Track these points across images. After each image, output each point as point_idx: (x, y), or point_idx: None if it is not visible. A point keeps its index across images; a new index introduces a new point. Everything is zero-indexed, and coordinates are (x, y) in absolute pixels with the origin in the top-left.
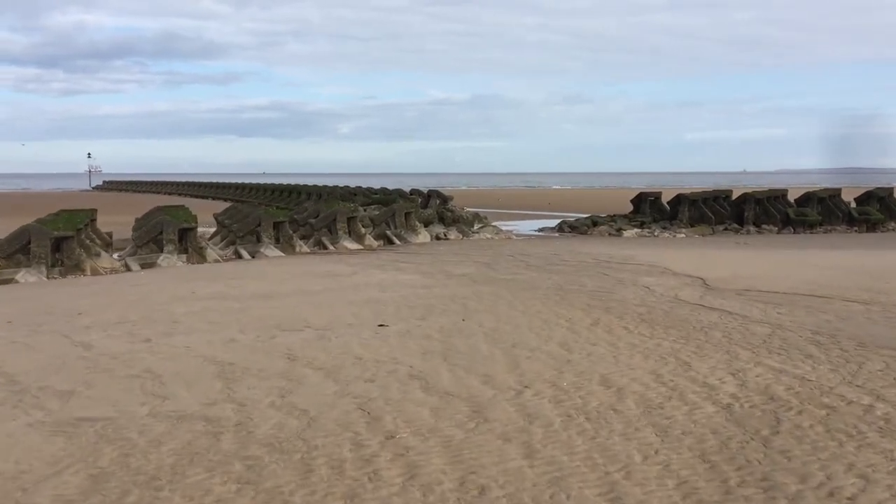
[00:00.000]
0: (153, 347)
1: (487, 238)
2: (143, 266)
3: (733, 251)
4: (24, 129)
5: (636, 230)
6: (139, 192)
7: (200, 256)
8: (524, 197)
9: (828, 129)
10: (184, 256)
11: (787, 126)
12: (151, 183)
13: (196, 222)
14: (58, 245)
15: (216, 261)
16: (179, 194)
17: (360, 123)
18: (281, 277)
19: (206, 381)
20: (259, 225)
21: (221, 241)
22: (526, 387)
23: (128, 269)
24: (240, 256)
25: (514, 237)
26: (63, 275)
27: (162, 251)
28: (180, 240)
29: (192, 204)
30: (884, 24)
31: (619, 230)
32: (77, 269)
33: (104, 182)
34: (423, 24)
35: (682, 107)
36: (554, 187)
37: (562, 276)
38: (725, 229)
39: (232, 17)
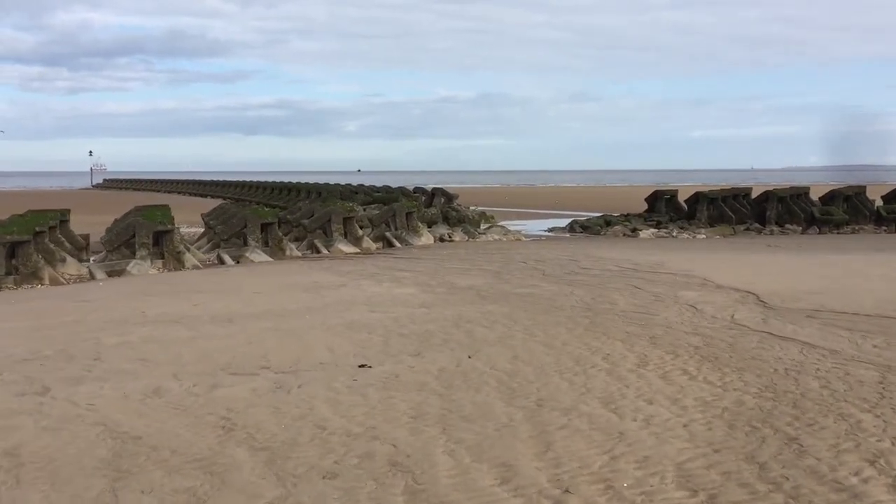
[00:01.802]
0: (43, 406)
1: (495, 240)
2: (111, 274)
3: (769, 256)
4: (30, 127)
5: (653, 230)
6: (139, 190)
7: (178, 262)
8: (531, 195)
9: (834, 127)
10: (160, 262)
11: (795, 124)
12: (152, 181)
13: (173, 223)
14: (12, 251)
15: (195, 267)
16: (180, 192)
17: (366, 121)
18: (256, 291)
19: (81, 479)
20: (245, 227)
21: (208, 243)
22: (567, 491)
23: (92, 277)
24: (222, 262)
25: (524, 238)
26: (18, 284)
27: (134, 256)
28: (156, 243)
29: (192, 203)
30: (892, 21)
31: (635, 230)
32: (34, 277)
33: (104, 180)
34: (429, 22)
35: (689, 105)
36: (561, 185)
37: (586, 289)
38: (747, 229)
39: (237, 15)
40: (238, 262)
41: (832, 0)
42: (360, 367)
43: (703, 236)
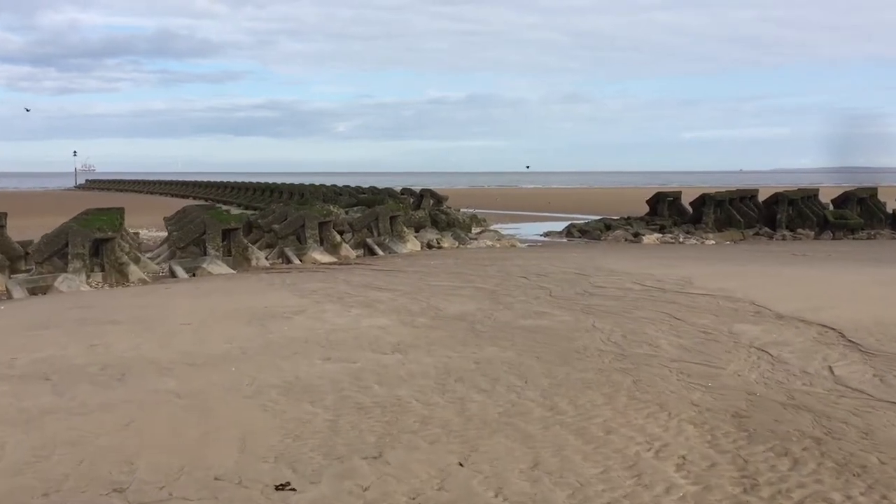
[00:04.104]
0: None
1: (488, 246)
2: (34, 291)
3: (806, 268)
4: (18, 127)
5: (657, 235)
6: (121, 190)
7: (121, 275)
8: (523, 196)
9: (827, 128)
10: (100, 275)
11: (786, 125)
12: (135, 181)
13: (116, 230)
14: None
15: (141, 281)
16: (162, 193)
17: (356, 122)
18: (185, 321)
19: None
20: (204, 233)
21: (168, 250)
22: None
23: (9, 296)
24: (174, 275)
25: (519, 244)
26: None
27: (68, 268)
28: (96, 253)
29: (171, 204)
30: (884, 22)
31: (637, 235)
32: None
33: (87, 181)
34: (421, 23)
35: (680, 105)
36: (553, 187)
37: (610, 320)
38: (756, 234)
39: (227, 15)
40: (194, 275)
41: (825, 1)
42: (277, 488)
43: (712, 242)
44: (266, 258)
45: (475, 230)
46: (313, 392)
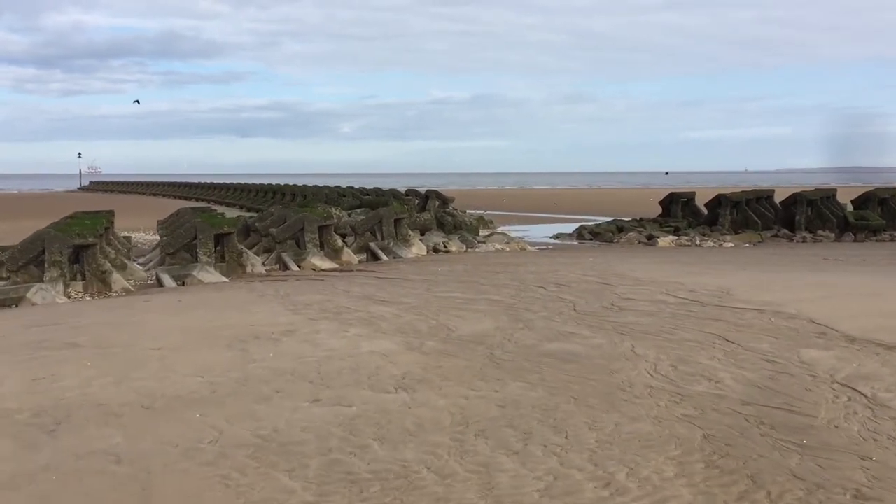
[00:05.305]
0: None
1: (497, 250)
2: (4, 303)
3: (845, 275)
4: (24, 129)
5: (671, 237)
6: (125, 192)
7: (103, 284)
8: (528, 197)
9: (829, 129)
10: (80, 284)
11: (789, 125)
12: (137, 183)
13: (98, 235)
14: None
15: (126, 290)
16: (165, 195)
17: (360, 123)
18: (155, 345)
19: None
20: (195, 238)
21: (160, 255)
22: None
23: None
24: (161, 283)
25: (529, 248)
26: None
27: (44, 278)
28: (76, 261)
29: (172, 206)
30: (885, 23)
31: (651, 237)
32: None
33: (90, 182)
34: (423, 24)
35: (683, 106)
36: (559, 187)
37: (650, 343)
38: (774, 236)
39: (231, 16)
40: (184, 283)
41: (826, 1)
42: None
43: (731, 245)
44: (263, 264)
45: (483, 232)
46: (293, 454)
